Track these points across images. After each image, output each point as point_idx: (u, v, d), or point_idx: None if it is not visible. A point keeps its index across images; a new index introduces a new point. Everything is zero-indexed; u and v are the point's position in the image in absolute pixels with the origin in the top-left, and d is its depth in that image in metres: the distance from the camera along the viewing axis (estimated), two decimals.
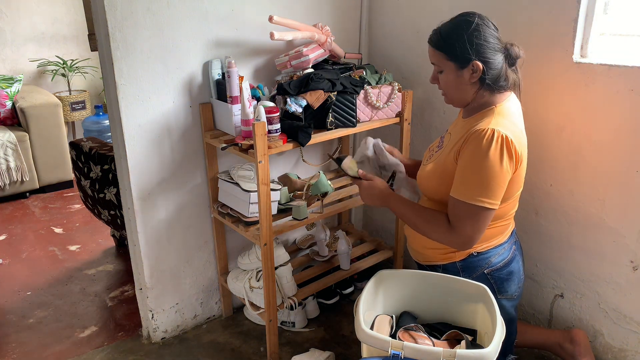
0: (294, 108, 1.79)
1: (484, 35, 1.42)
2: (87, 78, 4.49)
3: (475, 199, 1.37)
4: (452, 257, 1.59)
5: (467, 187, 1.39)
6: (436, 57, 1.49)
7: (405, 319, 1.57)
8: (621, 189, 1.66)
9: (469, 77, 1.45)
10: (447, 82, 1.50)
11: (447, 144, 1.56)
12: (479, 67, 1.42)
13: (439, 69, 1.50)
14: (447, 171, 1.49)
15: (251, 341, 2.13)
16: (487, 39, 1.42)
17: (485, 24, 1.43)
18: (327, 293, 2.31)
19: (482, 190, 1.37)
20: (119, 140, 1.84)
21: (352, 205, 2.14)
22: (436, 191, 1.56)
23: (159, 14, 1.74)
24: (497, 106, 1.46)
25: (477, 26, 1.42)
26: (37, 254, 2.89)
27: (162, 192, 1.96)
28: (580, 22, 1.65)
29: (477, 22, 1.42)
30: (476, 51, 1.41)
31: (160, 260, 2.04)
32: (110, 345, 2.13)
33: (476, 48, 1.41)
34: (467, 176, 1.40)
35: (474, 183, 1.38)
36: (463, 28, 1.42)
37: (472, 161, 1.38)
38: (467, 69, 1.44)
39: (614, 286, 1.76)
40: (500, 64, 1.45)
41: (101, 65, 1.80)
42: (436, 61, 1.50)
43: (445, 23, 1.48)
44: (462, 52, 1.42)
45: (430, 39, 1.49)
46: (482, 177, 1.37)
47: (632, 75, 1.55)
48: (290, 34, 1.90)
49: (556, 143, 1.79)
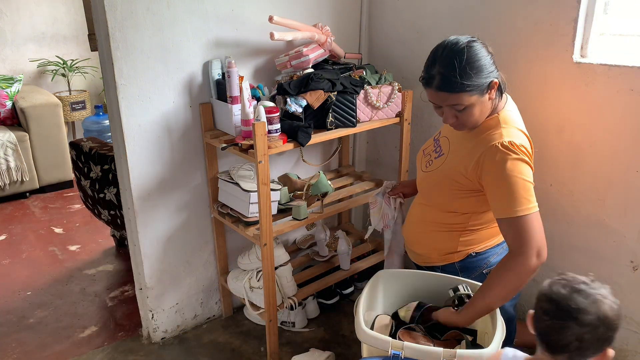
0: (294, 108, 1.79)
1: (483, 52, 1.37)
2: (87, 78, 4.49)
3: (519, 210, 1.35)
4: (451, 258, 1.59)
5: (508, 204, 1.37)
6: (455, 100, 1.37)
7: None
8: (621, 189, 1.66)
9: (489, 97, 1.41)
10: (472, 114, 1.40)
11: (450, 152, 1.54)
12: (496, 83, 1.40)
13: (460, 108, 1.39)
14: (452, 181, 1.48)
15: (251, 341, 2.13)
16: (487, 54, 1.38)
17: (476, 42, 1.37)
18: (327, 293, 2.31)
19: (520, 200, 1.36)
20: (119, 140, 1.84)
21: (352, 205, 2.14)
22: (442, 200, 1.55)
23: (159, 14, 1.74)
24: (499, 114, 1.45)
25: (476, 49, 1.36)
26: (37, 254, 2.89)
27: (162, 192, 1.96)
28: (580, 22, 1.65)
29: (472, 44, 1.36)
30: (489, 71, 1.37)
31: (160, 260, 2.04)
32: (110, 345, 2.13)
33: (488, 68, 1.37)
34: (503, 195, 1.38)
35: (511, 198, 1.36)
36: (469, 58, 1.34)
37: (501, 179, 1.37)
38: (488, 91, 1.40)
39: (614, 286, 1.74)
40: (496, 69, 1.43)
41: (101, 65, 1.80)
42: (455, 103, 1.38)
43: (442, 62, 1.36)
44: (481, 80, 1.36)
45: (442, 85, 1.37)
46: (515, 190, 1.35)
47: (632, 75, 1.55)
48: (290, 34, 1.90)
49: (556, 143, 1.79)
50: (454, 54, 1.35)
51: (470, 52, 1.34)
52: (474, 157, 1.42)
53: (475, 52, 1.35)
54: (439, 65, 1.36)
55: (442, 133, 1.63)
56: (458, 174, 1.47)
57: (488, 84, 1.37)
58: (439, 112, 1.46)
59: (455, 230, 1.56)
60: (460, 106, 1.38)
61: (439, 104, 1.42)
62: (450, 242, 1.57)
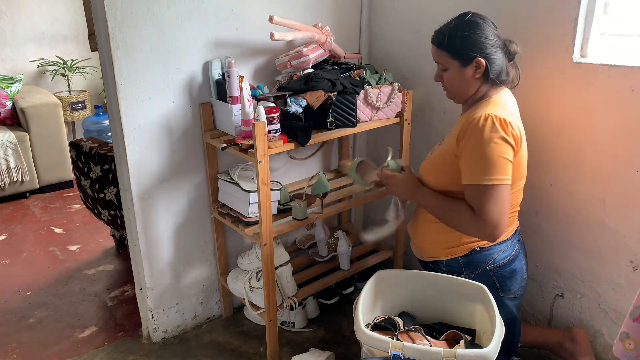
0: (294, 108, 1.79)
1: (484, 32, 1.46)
2: (87, 78, 4.49)
3: (485, 179, 1.39)
4: (455, 252, 1.59)
5: (474, 170, 1.41)
6: (440, 56, 1.52)
7: (404, 319, 1.57)
8: (621, 189, 1.66)
9: (473, 74, 1.49)
10: (451, 79, 1.53)
11: (447, 137, 1.59)
12: (482, 63, 1.47)
13: (443, 67, 1.53)
14: (446, 161, 1.53)
15: (251, 341, 2.13)
16: (488, 36, 1.47)
17: (485, 22, 1.48)
18: (327, 293, 2.31)
19: (489, 169, 1.39)
20: (119, 140, 1.84)
21: (352, 205, 2.14)
22: (437, 182, 1.58)
23: (159, 14, 1.75)
24: (492, 97, 1.51)
25: (478, 24, 1.47)
26: (37, 254, 2.89)
27: (162, 192, 1.96)
28: (580, 22, 1.65)
29: (478, 20, 1.48)
30: (478, 48, 1.46)
31: (160, 260, 2.04)
32: (110, 345, 2.13)
33: (478, 45, 1.46)
34: (472, 161, 1.42)
35: (480, 165, 1.40)
36: (465, 27, 1.47)
37: (473, 146, 1.42)
38: (471, 66, 1.48)
39: (614, 286, 1.76)
40: (501, 59, 1.50)
41: (101, 65, 1.80)
42: (440, 60, 1.53)
43: (447, 23, 1.52)
44: (465, 50, 1.47)
45: (433, 39, 1.53)
46: (485, 158, 1.39)
47: (632, 75, 1.55)
48: (290, 34, 1.90)
49: (556, 143, 1.79)
50: (457, 18, 1.50)
51: (470, 23, 1.47)
52: (459, 130, 1.47)
53: (473, 25, 1.47)
54: (443, 24, 1.52)
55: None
56: (449, 153, 1.51)
57: (472, 57, 1.46)
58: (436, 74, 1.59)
59: None
60: (442, 66, 1.53)
61: (432, 58, 1.56)
62: (453, 234, 1.57)
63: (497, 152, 1.39)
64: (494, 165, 1.39)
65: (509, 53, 1.52)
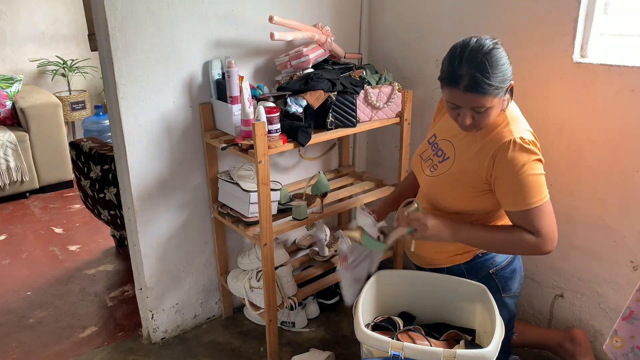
0: (294, 108, 1.79)
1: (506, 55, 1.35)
2: (87, 78, 4.49)
3: (532, 202, 1.37)
4: (457, 260, 1.58)
5: (516, 198, 1.38)
6: (481, 102, 1.33)
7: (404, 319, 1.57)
8: (621, 189, 1.66)
9: (505, 98, 1.40)
10: (489, 116, 1.38)
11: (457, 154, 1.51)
12: (512, 86, 1.40)
13: (482, 109, 1.35)
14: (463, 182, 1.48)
15: (251, 341, 2.13)
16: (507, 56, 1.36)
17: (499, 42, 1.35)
18: (327, 293, 2.31)
19: (530, 194, 1.37)
20: (119, 140, 1.84)
21: (352, 205, 2.13)
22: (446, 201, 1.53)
23: (159, 14, 1.74)
24: (505, 111, 1.44)
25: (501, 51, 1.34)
26: (37, 254, 2.89)
27: (162, 192, 1.96)
28: (580, 22, 1.65)
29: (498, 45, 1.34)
30: (511, 74, 1.36)
31: (160, 260, 2.04)
32: (110, 345, 2.13)
33: (510, 71, 1.36)
34: (511, 189, 1.39)
35: (521, 192, 1.38)
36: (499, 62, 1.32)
37: (511, 174, 1.38)
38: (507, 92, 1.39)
39: (614, 286, 1.76)
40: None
41: (101, 65, 1.80)
42: (480, 105, 1.34)
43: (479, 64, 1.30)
44: (506, 83, 1.35)
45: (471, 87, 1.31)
46: (524, 184, 1.37)
47: (632, 75, 1.55)
48: (290, 34, 1.90)
49: (556, 143, 1.79)
50: (483, 54, 1.31)
51: (498, 54, 1.32)
52: (487, 155, 1.41)
53: (501, 54, 1.33)
54: (467, 66, 1.31)
55: (439, 136, 1.59)
56: (468, 175, 1.46)
57: (509, 85, 1.37)
58: (453, 114, 1.41)
59: None
60: (482, 108, 1.35)
61: (461, 104, 1.36)
62: (456, 243, 1.56)
63: (534, 176, 1.37)
64: (533, 188, 1.37)
65: None
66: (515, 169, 1.37)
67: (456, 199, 1.51)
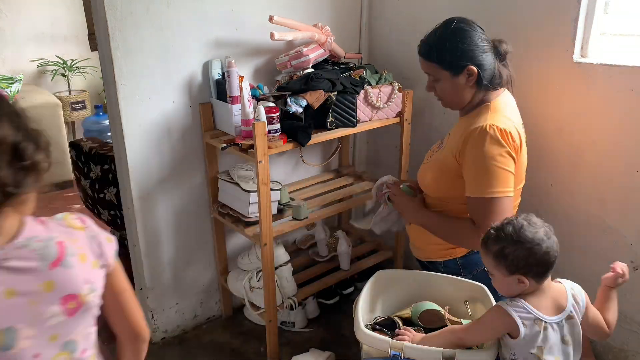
0: (294, 108, 1.79)
1: (472, 39, 1.44)
2: (87, 78, 4.49)
3: (488, 192, 1.39)
4: (453, 254, 1.59)
5: (477, 183, 1.41)
6: (430, 68, 1.50)
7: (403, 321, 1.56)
8: (621, 189, 1.66)
9: (465, 82, 1.47)
10: (444, 90, 1.51)
11: (447, 142, 1.58)
12: (474, 71, 1.44)
13: (434, 78, 1.51)
14: (445, 169, 1.51)
15: (251, 341, 2.13)
16: (477, 42, 1.44)
17: (471, 27, 1.45)
18: (327, 293, 2.31)
19: (492, 182, 1.39)
20: (119, 140, 1.84)
21: (352, 205, 2.14)
22: (436, 189, 1.58)
23: (159, 14, 1.74)
24: (491, 102, 1.49)
25: (465, 32, 1.44)
26: None
27: (162, 192, 1.96)
28: (580, 22, 1.65)
29: (464, 27, 1.45)
30: (469, 57, 1.44)
31: (160, 260, 2.04)
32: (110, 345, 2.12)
33: (468, 54, 1.44)
34: (474, 173, 1.42)
35: (483, 178, 1.40)
36: (452, 36, 1.44)
37: (475, 158, 1.41)
38: (463, 74, 1.46)
39: None
40: (492, 63, 1.47)
41: (101, 65, 1.80)
42: (430, 71, 1.51)
43: (432, 33, 1.49)
44: (455, 59, 1.44)
45: (420, 51, 1.51)
46: (488, 170, 1.39)
47: (632, 75, 1.55)
48: (290, 34, 1.90)
49: (556, 143, 1.79)
50: (442, 27, 1.47)
51: (457, 31, 1.44)
52: (461, 137, 1.45)
53: (459, 32, 1.43)
54: (429, 35, 1.50)
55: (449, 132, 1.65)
56: (450, 160, 1.50)
57: (463, 66, 1.43)
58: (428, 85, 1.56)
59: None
60: (433, 77, 1.51)
61: (423, 70, 1.53)
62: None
63: (498, 164, 1.38)
64: (495, 178, 1.39)
65: (500, 54, 1.49)
66: (480, 154, 1.39)
67: (439, 184, 1.56)
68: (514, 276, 1.23)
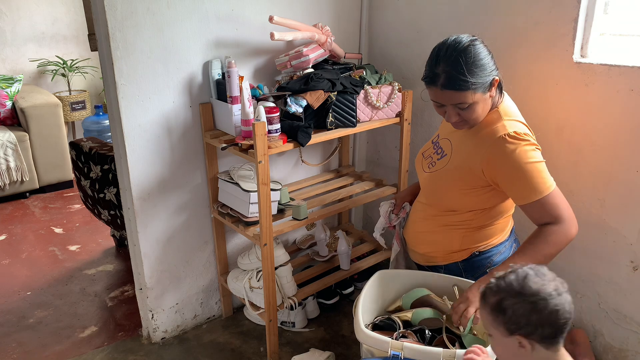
0: (294, 108, 1.79)
1: (485, 51, 1.39)
2: (87, 78, 4.49)
3: (543, 190, 1.39)
4: (454, 257, 1.59)
5: (531, 188, 1.39)
6: (460, 98, 1.38)
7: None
8: (621, 189, 1.66)
9: (490, 95, 1.42)
10: (476, 111, 1.41)
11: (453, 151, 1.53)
12: (497, 81, 1.42)
13: (465, 105, 1.39)
14: (458, 179, 1.49)
15: (251, 341, 2.13)
16: (487, 53, 1.40)
17: (477, 39, 1.40)
18: (327, 293, 2.31)
19: (536, 185, 1.39)
20: (119, 140, 1.84)
21: (352, 205, 2.14)
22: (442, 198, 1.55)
23: (159, 14, 1.74)
24: (499, 107, 1.46)
25: (479, 48, 1.37)
26: (37, 254, 2.89)
27: (162, 192, 1.96)
28: (580, 22, 1.65)
29: (476, 42, 1.38)
30: (493, 69, 1.40)
31: (160, 260, 2.04)
32: (110, 345, 2.13)
33: (491, 67, 1.39)
34: (522, 181, 1.40)
35: (528, 185, 1.39)
36: (474, 58, 1.35)
37: (515, 170, 1.39)
38: (492, 89, 1.41)
39: (614, 286, 1.76)
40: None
41: (101, 65, 1.80)
42: (460, 100, 1.38)
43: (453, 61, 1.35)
44: (485, 78, 1.37)
45: (447, 84, 1.36)
46: (531, 173, 1.38)
47: (632, 75, 1.55)
48: (290, 34, 1.90)
49: (556, 143, 1.79)
50: (458, 52, 1.35)
51: (474, 50, 1.36)
52: (480, 151, 1.43)
53: (478, 51, 1.37)
54: (443, 64, 1.36)
55: (441, 135, 1.63)
56: (464, 171, 1.47)
57: (490, 81, 1.39)
58: (440, 111, 1.46)
59: (457, 228, 1.56)
60: (465, 104, 1.39)
61: (442, 102, 1.41)
62: (452, 241, 1.57)
63: (534, 164, 1.38)
64: (538, 176, 1.38)
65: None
66: (515, 162, 1.38)
67: (451, 195, 1.53)
68: (514, 337, 1.02)
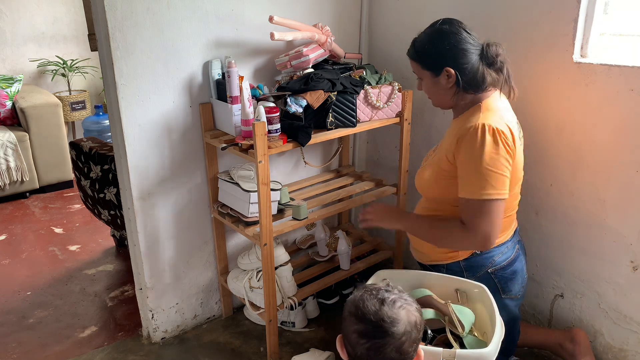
0: (294, 108, 1.79)
1: (454, 42, 1.45)
2: (87, 78, 4.49)
3: (480, 193, 1.39)
4: (456, 257, 1.59)
5: (470, 184, 1.41)
6: (414, 67, 1.58)
7: None
8: (621, 189, 1.66)
9: (445, 83, 1.50)
10: (427, 88, 1.58)
11: (441, 143, 1.59)
12: (452, 73, 1.47)
13: (419, 77, 1.58)
14: (440, 170, 1.52)
15: (251, 341, 2.13)
16: (458, 45, 1.45)
17: (455, 30, 1.46)
18: (327, 293, 2.31)
19: (485, 183, 1.38)
20: (119, 140, 1.84)
21: (352, 205, 2.14)
22: (431, 190, 1.59)
23: (159, 14, 1.74)
24: (482, 103, 1.49)
25: (446, 34, 1.46)
26: (37, 254, 2.89)
27: (162, 192, 1.96)
28: (580, 22, 1.65)
29: (446, 29, 1.47)
30: (447, 58, 1.46)
31: (160, 260, 2.04)
32: (110, 345, 2.13)
33: (446, 55, 1.47)
34: (468, 174, 1.41)
35: (476, 179, 1.39)
36: (433, 37, 1.49)
37: (469, 158, 1.40)
38: (442, 75, 1.49)
39: (614, 286, 1.76)
40: (474, 66, 1.47)
41: (101, 65, 1.80)
42: (415, 71, 1.58)
43: (420, 34, 1.54)
44: (434, 61, 1.50)
45: (407, 51, 1.57)
46: (482, 171, 1.38)
47: (632, 75, 1.55)
48: (290, 34, 1.90)
49: (556, 143, 1.79)
50: (428, 28, 1.52)
51: (439, 32, 1.48)
52: (454, 137, 1.46)
53: (442, 34, 1.47)
54: (418, 36, 1.55)
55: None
56: (444, 160, 1.50)
57: (441, 67, 1.47)
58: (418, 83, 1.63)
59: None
60: (418, 76, 1.58)
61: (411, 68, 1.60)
62: None
63: (493, 165, 1.38)
64: (490, 179, 1.38)
65: (487, 57, 1.47)
66: (474, 154, 1.39)
67: (436, 186, 1.56)
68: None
